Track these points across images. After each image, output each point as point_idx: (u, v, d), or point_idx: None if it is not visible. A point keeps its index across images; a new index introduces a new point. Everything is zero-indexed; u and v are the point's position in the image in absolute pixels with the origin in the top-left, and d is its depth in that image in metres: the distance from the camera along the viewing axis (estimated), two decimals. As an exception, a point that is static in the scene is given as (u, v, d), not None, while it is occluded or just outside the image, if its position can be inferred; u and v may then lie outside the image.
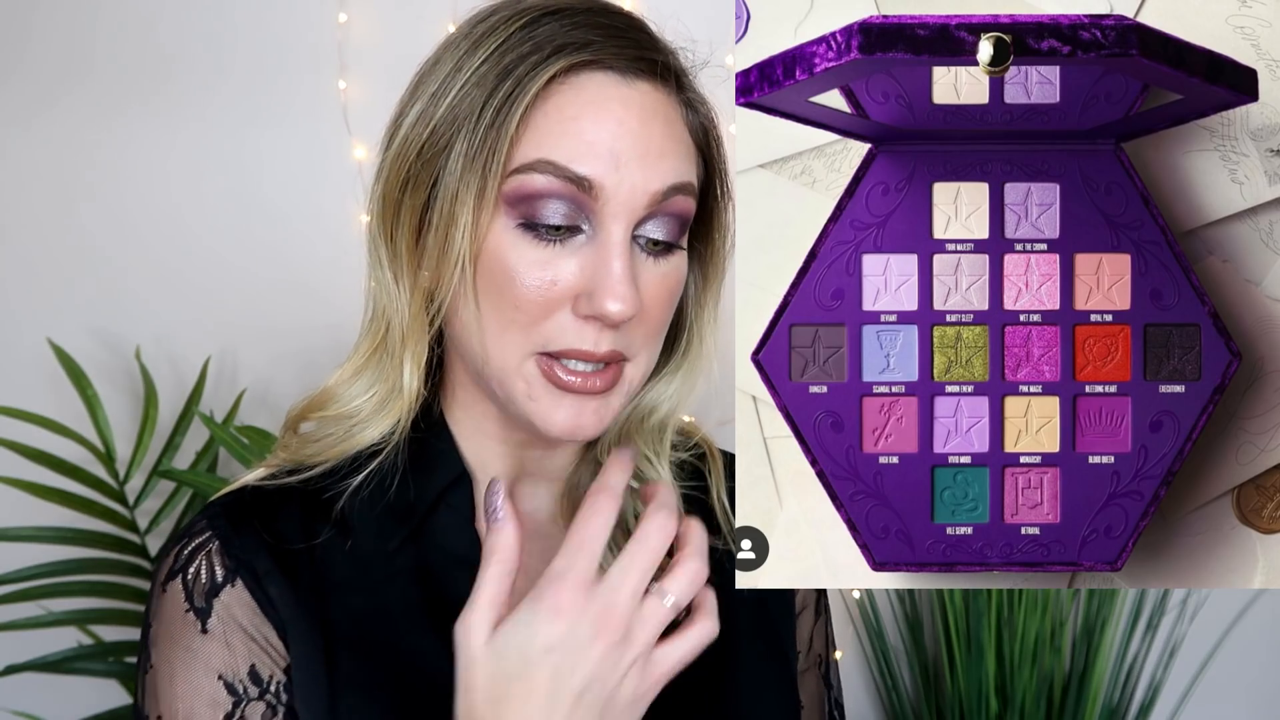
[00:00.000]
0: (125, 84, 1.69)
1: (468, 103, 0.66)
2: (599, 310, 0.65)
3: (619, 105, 0.66)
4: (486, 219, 0.66)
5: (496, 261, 0.66)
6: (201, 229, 1.70)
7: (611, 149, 0.66)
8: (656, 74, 0.68)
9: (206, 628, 0.69)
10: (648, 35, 0.70)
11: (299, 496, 0.73)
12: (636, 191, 0.66)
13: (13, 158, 1.68)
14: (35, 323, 1.66)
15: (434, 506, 0.73)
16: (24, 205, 1.69)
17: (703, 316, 0.76)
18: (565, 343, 0.67)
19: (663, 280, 0.69)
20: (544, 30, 0.66)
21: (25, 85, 1.68)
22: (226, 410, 1.62)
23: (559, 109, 0.66)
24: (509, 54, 0.66)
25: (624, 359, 0.69)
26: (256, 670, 0.69)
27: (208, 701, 0.68)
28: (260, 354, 1.70)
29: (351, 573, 0.71)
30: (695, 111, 0.71)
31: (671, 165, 0.68)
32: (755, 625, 0.79)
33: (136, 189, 1.69)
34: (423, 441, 0.74)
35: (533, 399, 0.68)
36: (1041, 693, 1.65)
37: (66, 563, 1.52)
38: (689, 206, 0.70)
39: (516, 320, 0.67)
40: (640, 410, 0.76)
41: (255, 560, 0.70)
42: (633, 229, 0.67)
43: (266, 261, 1.70)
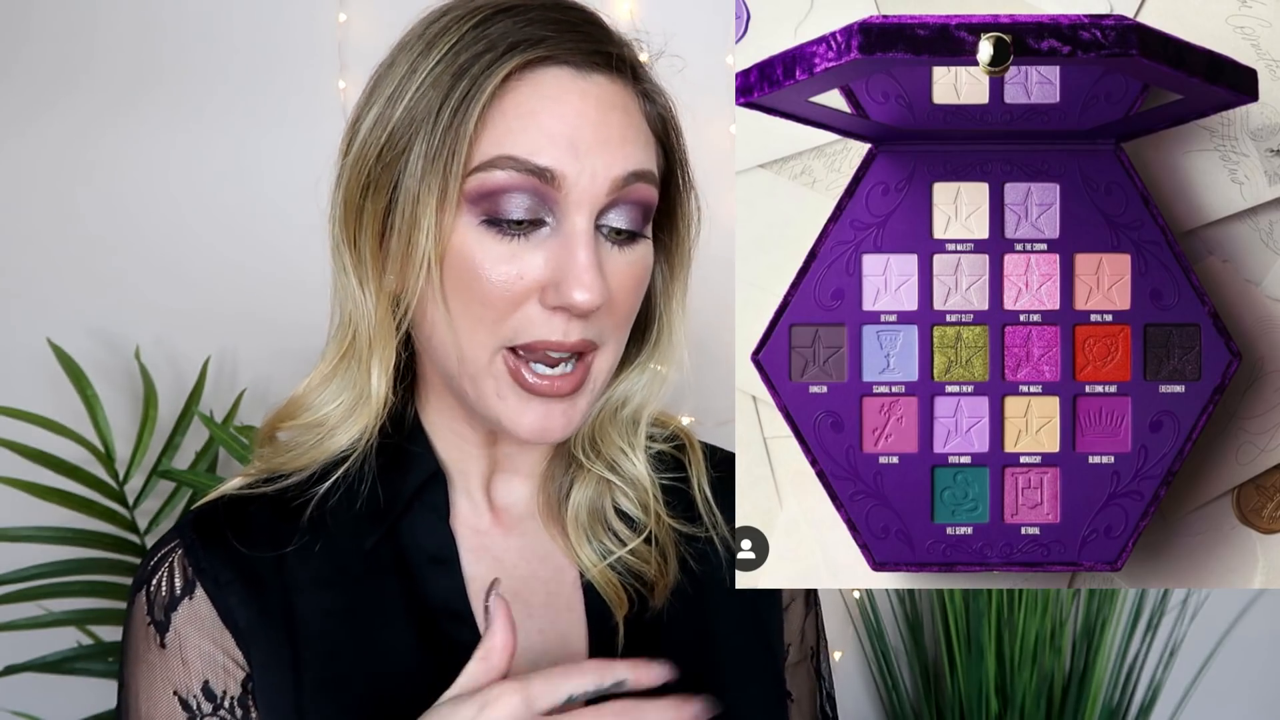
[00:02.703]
0: (125, 84, 1.69)
1: (424, 104, 0.66)
2: (566, 300, 0.65)
3: (576, 97, 0.66)
4: (450, 219, 0.66)
5: (462, 260, 0.66)
6: (201, 229, 1.70)
7: (570, 139, 0.65)
8: (612, 66, 0.68)
9: (165, 642, 0.70)
10: (601, 29, 0.70)
11: (272, 504, 0.73)
12: (598, 179, 0.66)
13: (12, 157, 1.68)
14: (35, 323, 1.65)
15: (409, 505, 0.74)
16: (24, 205, 1.69)
17: (671, 307, 0.76)
18: (534, 335, 0.67)
19: (629, 269, 0.69)
20: (497, 28, 0.66)
21: (25, 85, 1.68)
22: (226, 410, 1.62)
23: (516, 105, 0.66)
24: (463, 53, 0.66)
25: (594, 347, 0.69)
26: (210, 686, 0.69)
27: (165, 716, 0.69)
28: (260, 354, 1.70)
29: (325, 571, 0.72)
30: (653, 102, 0.71)
31: (631, 152, 0.68)
32: (740, 618, 0.78)
33: (136, 189, 1.69)
34: (394, 445, 0.74)
35: (501, 398, 0.68)
36: (1041, 693, 1.65)
37: (66, 563, 1.52)
38: (650, 194, 0.70)
39: (485, 317, 0.67)
40: (612, 403, 0.76)
41: (218, 570, 0.70)
42: (596, 218, 0.67)
43: (266, 261, 1.70)
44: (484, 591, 0.71)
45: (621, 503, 0.76)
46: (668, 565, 0.75)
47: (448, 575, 0.73)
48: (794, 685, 0.82)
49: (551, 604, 0.75)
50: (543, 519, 0.77)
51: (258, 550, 0.71)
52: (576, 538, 0.75)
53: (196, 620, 0.70)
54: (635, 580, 0.75)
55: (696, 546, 0.78)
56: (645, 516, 0.76)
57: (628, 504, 0.76)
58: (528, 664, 0.72)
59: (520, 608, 0.73)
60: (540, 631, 0.74)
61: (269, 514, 0.73)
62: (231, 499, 0.74)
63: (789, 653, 0.81)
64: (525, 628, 0.73)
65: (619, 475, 0.76)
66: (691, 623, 0.76)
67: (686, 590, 0.76)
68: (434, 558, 0.73)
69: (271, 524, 0.72)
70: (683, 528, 0.77)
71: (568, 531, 0.75)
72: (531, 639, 0.73)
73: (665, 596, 0.75)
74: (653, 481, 0.77)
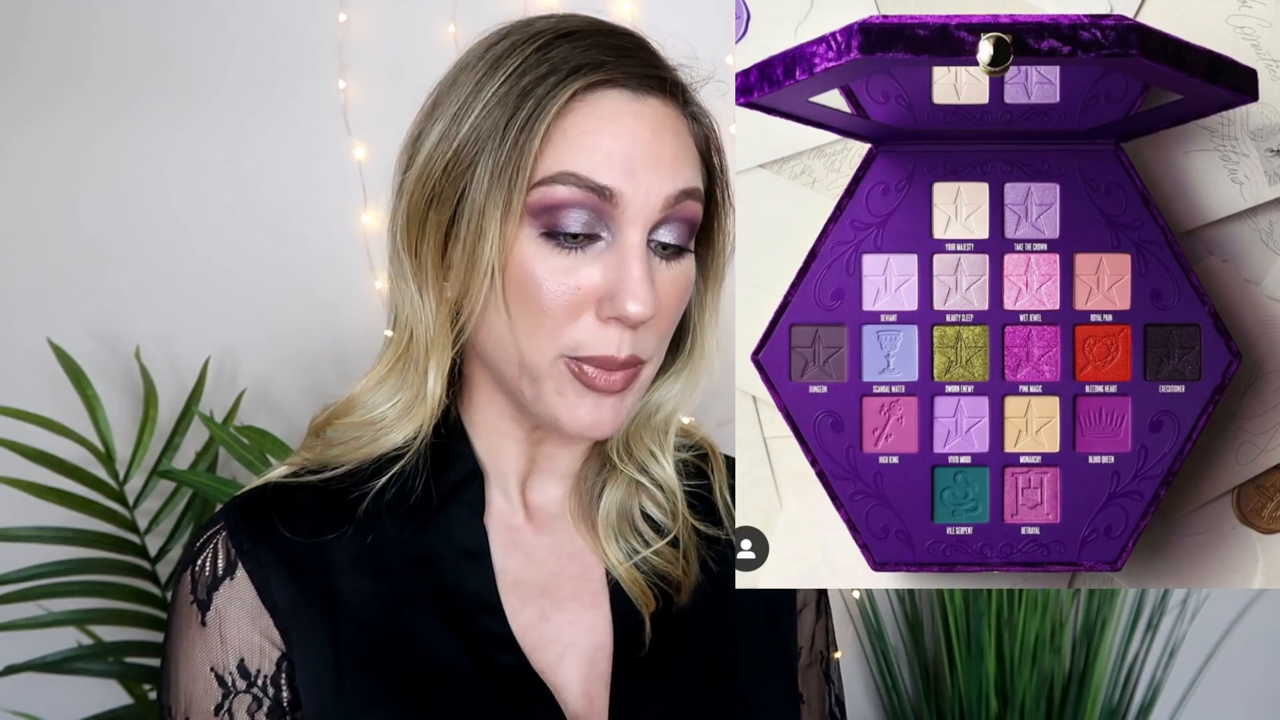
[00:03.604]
0: (124, 84, 1.69)
1: (490, 122, 0.69)
2: (620, 311, 0.69)
3: (632, 119, 0.70)
4: (513, 230, 0.69)
5: (522, 270, 0.70)
6: (201, 229, 1.70)
7: (627, 159, 0.69)
8: (664, 90, 0.72)
9: (205, 621, 0.73)
10: (653, 54, 0.74)
11: (318, 493, 0.76)
12: (652, 197, 0.70)
13: (12, 157, 1.68)
14: (35, 323, 1.65)
15: (446, 501, 0.77)
16: (23, 205, 1.69)
17: (704, 318, 0.79)
18: (591, 349, 0.70)
19: (674, 282, 0.73)
20: (559, 52, 0.70)
21: (24, 85, 1.68)
22: (226, 410, 1.62)
23: (577, 125, 0.69)
24: (527, 75, 0.70)
25: (641, 363, 0.72)
26: (245, 664, 0.72)
27: (202, 692, 0.73)
28: (260, 354, 1.70)
29: (364, 559, 0.75)
30: (699, 123, 0.75)
31: (681, 172, 0.71)
32: (758, 618, 0.81)
33: (136, 189, 1.69)
34: (442, 444, 0.77)
35: (561, 395, 0.71)
36: (1041, 693, 1.65)
37: (66, 563, 1.52)
38: (697, 211, 0.73)
39: (544, 325, 0.70)
40: (647, 409, 0.80)
41: (260, 551, 0.74)
42: (648, 234, 0.70)
43: (266, 261, 1.70)
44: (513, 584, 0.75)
45: (648, 507, 0.80)
46: (690, 567, 0.79)
47: (479, 569, 0.76)
48: (804, 687, 0.84)
49: (578, 599, 0.77)
50: (574, 518, 0.80)
51: (300, 534, 0.74)
52: (605, 537, 0.78)
53: (237, 600, 0.73)
54: (659, 579, 0.78)
55: (717, 549, 0.81)
56: (671, 521, 0.79)
57: (654, 509, 0.80)
58: (555, 655, 0.75)
59: (548, 601, 0.77)
60: (569, 625, 0.76)
61: (314, 501, 0.76)
62: (278, 486, 0.77)
63: (800, 655, 0.83)
64: (554, 621, 0.76)
65: (649, 477, 0.79)
66: (711, 621, 0.79)
67: (707, 590, 0.79)
68: (466, 551, 0.76)
69: (316, 511, 0.76)
70: (706, 530, 0.80)
71: (597, 530, 0.79)
72: (560, 631, 0.76)
73: (688, 595, 0.78)
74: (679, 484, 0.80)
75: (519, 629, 0.75)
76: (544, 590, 0.77)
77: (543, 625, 0.76)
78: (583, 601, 0.77)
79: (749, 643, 0.80)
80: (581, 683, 0.75)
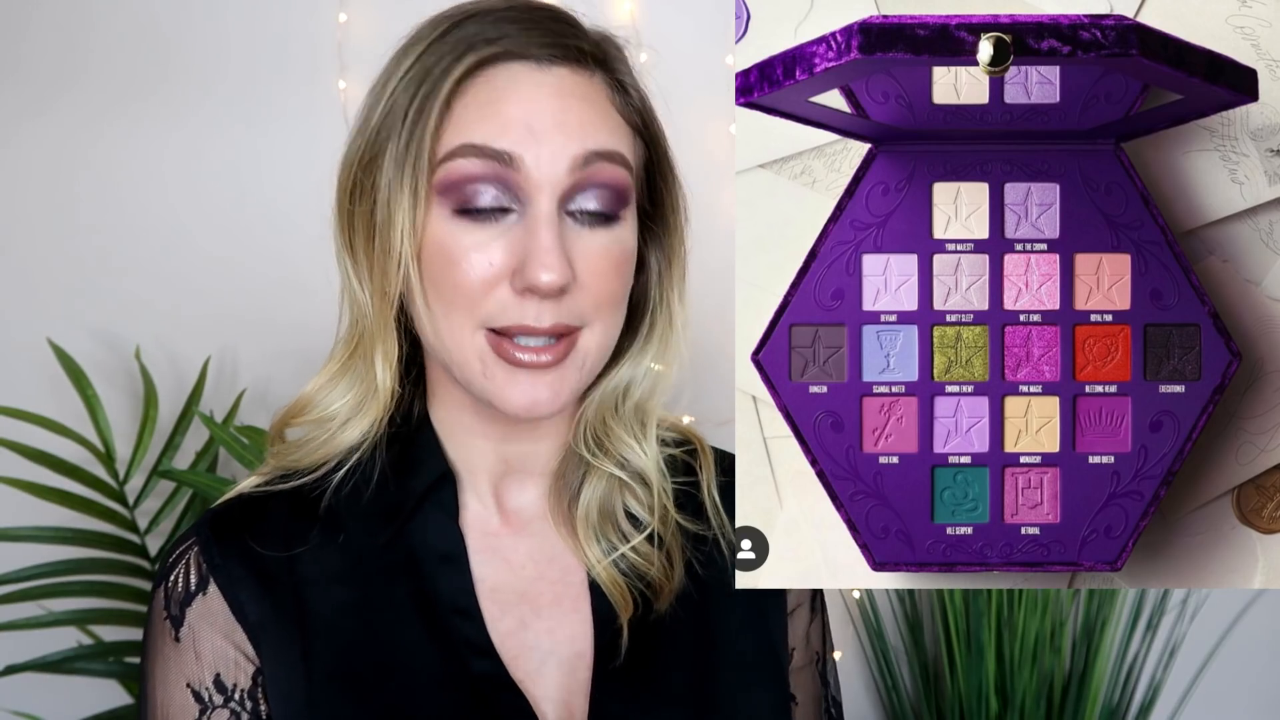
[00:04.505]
0: (124, 84, 1.68)
1: (396, 108, 0.70)
2: (530, 281, 0.67)
3: (533, 87, 0.69)
4: (423, 213, 0.69)
5: (439, 251, 0.69)
6: (201, 229, 1.70)
7: (527, 124, 0.68)
8: (575, 60, 0.71)
9: (179, 636, 0.73)
10: (567, 24, 0.72)
11: (289, 502, 0.76)
12: (557, 160, 0.68)
13: (11, 158, 1.68)
14: (35, 323, 1.65)
15: (419, 505, 0.75)
16: (23, 205, 1.69)
17: (670, 295, 0.77)
18: (508, 319, 0.69)
19: (604, 251, 0.70)
20: (462, 31, 0.70)
21: (23, 85, 1.68)
22: (226, 410, 1.62)
23: (475, 98, 0.69)
24: (429, 57, 0.70)
25: (574, 329, 0.70)
26: (221, 679, 0.72)
27: (180, 708, 0.73)
28: (260, 354, 1.70)
29: (340, 566, 0.74)
30: (626, 93, 0.73)
31: (593, 135, 0.69)
32: (745, 622, 0.79)
33: (136, 189, 1.69)
34: (406, 440, 0.76)
35: (488, 376, 0.70)
36: (1041, 693, 1.65)
37: (66, 563, 1.52)
38: (619, 176, 0.71)
39: (458, 302, 0.69)
40: (613, 391, 0.77)
41: (231, 566, 0.73)
42: (562, 202, 0.69)
43: (266, 261, 1.70)
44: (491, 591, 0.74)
45: (631, 504, 0.77)
46: (673, 569, 0.76)
47: (456, 573, 0.74)
48: (797, 689, 0.82)
49: (559, 604, 0.75)
50: (553, 519, 0.78)
51: (272, 548, 0.74)
52: (585, 536, 0.76)
53: (209, 615, 0.73)
54: (641, 583, 0.75)
55: (704, 550, 0.78)
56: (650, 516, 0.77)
57: (637, 506, 0.77)
58: (535, 663, 0.73)
59: (528, 608, 0.75)
60: (549, 632, 0.75)
61: (286, 512, 0.75)
62: (249, 498, 0.76)
63: (793, 656, 0.81)
64: (533, 628, 0.74)
65: (629, 471, 0.77)
66: (695, 626, 0.76)
67: (692, 594, 0.77)
68: (443, 556, 0.75)
69: (288, 521, 0.75)
70: (691, 526, 0.78)
71: (577, 531, 0.76)
72: (539, 639, 0.74)
73: (670, 600, 0.75)
74: (663, 475, 0.78)
75: (498, 637, 0.73)
76: (523, 596, 0.75)
77: (522, 633, 0.74)
78: (563, 607, 0.75)
79: (736, 648, 0.77)
80: (561, 691, 0.73)
